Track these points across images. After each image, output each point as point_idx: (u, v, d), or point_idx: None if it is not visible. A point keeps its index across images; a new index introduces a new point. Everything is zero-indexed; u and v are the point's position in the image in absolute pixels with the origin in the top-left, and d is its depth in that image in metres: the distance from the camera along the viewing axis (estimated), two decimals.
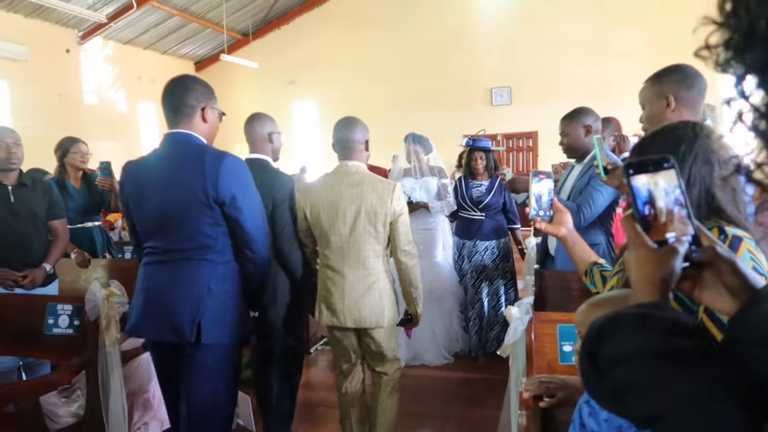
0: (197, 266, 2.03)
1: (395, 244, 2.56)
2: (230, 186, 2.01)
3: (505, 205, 4.30)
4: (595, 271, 1.74)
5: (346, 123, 2.62)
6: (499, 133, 11.86)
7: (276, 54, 13.00)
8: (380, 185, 2.53)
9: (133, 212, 2.18)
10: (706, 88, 1.99)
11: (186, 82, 2.13)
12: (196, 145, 2.08)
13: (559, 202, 1.73)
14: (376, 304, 2.54)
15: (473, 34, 11.77)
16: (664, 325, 0.65)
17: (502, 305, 4.25)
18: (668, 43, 10.83)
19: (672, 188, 0.73)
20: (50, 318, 2.65)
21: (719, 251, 0.74)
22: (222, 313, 2.05)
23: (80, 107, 10.61)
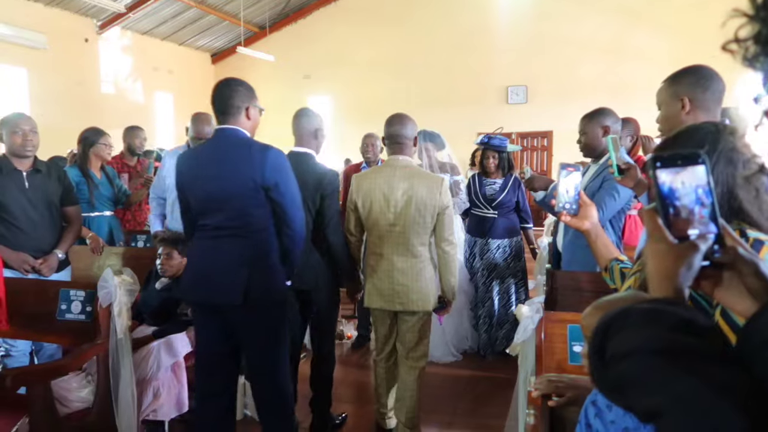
0: (244, 241, 2.35)
1: (440, 234, 2.79)
2: (274, 174, 2.32)
3: (518, 203, 4.28)
4: (615, 268, 1.73)
5: (398, 120, 2.83)
6: (514, 131, 11.79)
7: (292, 48, 13.02)
8: (430, 179, 2.77)
9: (188, 194, 2.46)
10: (724, 91, 1.96)
11: (231, 86, 2.41)
12: (243, 138, 2.39)
13: (586, 196, 1.73)
14: (425, 289, 2.79)
15: (490, 31, 11.70)
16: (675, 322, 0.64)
17: (512, 304, 4.23)
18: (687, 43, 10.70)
19: (700, 185, 0.72)
20: (63, 304, 2.67)
21: (741, 252, 0.73)
22: (264, 280, 2.36)
23: (97, 96, 10.71)
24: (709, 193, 0.72)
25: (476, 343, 4.36)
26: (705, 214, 0.72)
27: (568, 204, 1.70)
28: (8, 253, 2.97)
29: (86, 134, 4.08)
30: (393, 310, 2.86)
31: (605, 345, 0.67)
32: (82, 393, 2.59)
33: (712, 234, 0.72)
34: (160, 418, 2.92)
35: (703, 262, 0.72)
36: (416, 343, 2.89)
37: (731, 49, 0.59)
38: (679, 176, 0.72)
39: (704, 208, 0.72)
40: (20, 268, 3.01)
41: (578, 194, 1.71)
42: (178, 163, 2.50)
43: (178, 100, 12.71)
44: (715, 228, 0.72)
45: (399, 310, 2.83)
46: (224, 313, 2.38)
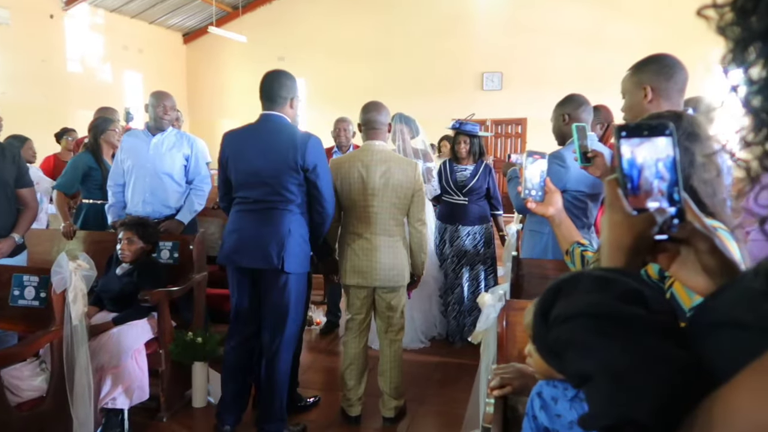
0: (282, 214, 2.69)
1: (413, 214, 3.02)
2: (314, 158, 2.67)
3: (489, 190, 4.27)
4: (575, 251, 1.75)
5: (374, 107, 3.03)
6: (488, 118, 11.79)
7: (266, 29, 12.77)
8: (405, 163, 3.00)
9: (230, 169, 2.77)
10: (687, 80, 1.96)
11: (281, 79, 2.76)
12: (287, 125, 2.74)
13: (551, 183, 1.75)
14: (400, 266, 2.99)
15: (466, 18, 11.63)
16: (623, 291, 0.62)
17: (481, 291, 4.22)
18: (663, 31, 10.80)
19: (664, 157, 0.69)
20: (16, 289, 2.58)
21: (698, 228, 0.71)
22: (298, 249, 2.72)
23: (63, 74, 10.39)
24: (674, 165, 0.70)
25: (445, 329, 4.36)
26: (666, 187, 0.70)
27: (534, 191, 1.72)
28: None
29: (96, 122, 4.09)
30: (371, 287, 3.01)
31: (552, 307, 0.66)
32: (35, 381, 2.51)
33: (673, 208, 0.70)
34: (119, 406, 2.86)
35: (662, 236, 0.71)
36: (396, 318, 3.08)
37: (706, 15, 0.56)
38: (644, 147, 0.70)
39: (666, 181, 0.70)
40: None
41: (543, 181, 1.73)
42: (225, 140, 2.81)
43: (147, 80, 12.41)
44: (677, 202, 0.70)
45: (378, 285, 2.99)
46: (259, 277, 2.75)
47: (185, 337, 3.20)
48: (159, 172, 3.55)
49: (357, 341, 3.11)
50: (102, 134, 4.00)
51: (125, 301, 3.15)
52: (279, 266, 2.66)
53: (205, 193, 3.73)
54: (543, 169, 1.72)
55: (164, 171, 3.55)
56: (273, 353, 2.79)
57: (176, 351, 3.15)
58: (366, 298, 3.07)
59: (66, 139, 5.72)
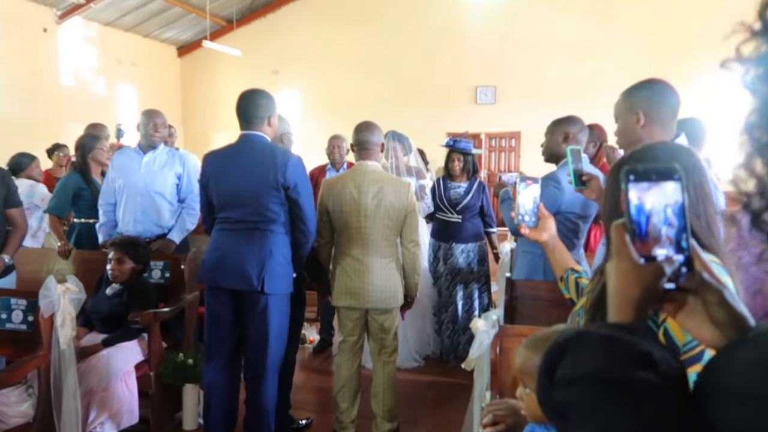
0: (263, 234, 2.65)
1: (406, 235, 2.98)
2: (294, 176, 2.64)
3: (483, 208, 4.26)
4: (570, 278, 1.74)
5: (366, 127, 3.00)
6: (482, 132, 11.83)
7: (260, 42, 12.80)
8: (397, 183, 2.98)
9: (211, 190, 2.74)
10: (679, 105, 1.97)
11: (255, 99, 2.73)
12: (267, 144, 2.72)
13: (545, 209, 1.75)
14: (393, 287, 2.95)
15: (459, 31, 11.70)
16: (631, 353, 0.61)
17: (475, 309, 4.22)
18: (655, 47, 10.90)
19: (672, 203, 0.68)
20: (3, 312, 2.54)
21: (707, 279, 0.70)
22: (280, 270, 2.68)
23: (56, 88, 10.35)
24: (682, 211, 0.68)
25: (439, 348, 4.33)
26: (674, 234, 0.69)
27: (527, 216, 1.72)
28: None
29: (83, 141, 4.02)
30: (364, 308, 2.98)
31: (557, 366, 0.64)
32: (21, 407, 2.47)
33: (681, 256, 0.69)
34: (107, 430, 2.81)
35: (668, 284, 0.69)
36: (389, 340, 3.04)
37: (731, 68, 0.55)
38: (652, 192, 0.68)
39: (674, 227, 0.68)
40: None
41: (537, 207, 1.72)
42: (206, 160, 2.80)
43: (142, 94, 12.39)
44: (685, 249, 0.69)
45: (370, 307, 2.95)
46: (239, 298, 2.70)
47: (176, 359, 3.16)
48: (150, 191, 3.52)
49: (350, 363, 3.07)
50: (90, 153, 3.94)
51: (115, 322, 3.12)
52: (259, 288, 2.62)
53: (197, 211, 3.70)
54: (536, 194, 1.72)
55: (156, 190, 3.53)
56: (258, 377, 2.74)
57: (166, 373, 3.11)
58: (358, 319, 3.04)
59: (57, 155, 5.69)
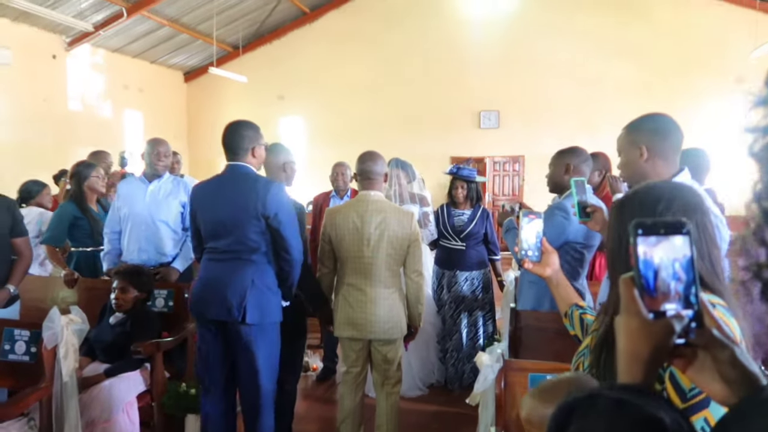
0: (244, 264, 2.66)
1: (410, 265, 2.96)
2: (273, 205, 2.64)
3: (487, 235, 4.25)
4: (574, 314, 1.72)
5: (370, 157, 3.01)
6: (486, 156, 11.86)
7: (265, 68, 12.94)
8: (401, 213, 2.97)
9: (199, 220, 2.79)
10: (682, 140, 1.97)
11: (240, 130, 2.76)
12: (249, 173, 2.73)
13: (548, 244, 1.74)
14: (397, 318, 2.94)
15: (462, 57, 11.81)
16: (640, 417, 0.60)
17: (480, 337, 4.19)
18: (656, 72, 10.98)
19: (681, 257, 0.68)
20: (6, 343, 2.54)
21: (718, 336, 0.70)
22: (262, 300, 2.65)
23: (65, 114, 10.45)
24: (690, 265, 0.68)
25: (443, 376, 4.29)
26: (683, 288, 0.68)
27: (531, 251, 1.71)
28: None
29: (77, 169, 3.96)
30: (367, 339, 2.95)
31: (566, 429, 0.64)
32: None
33: (690, 312, 0.68)
34: None
35: (679, 339, 0.69)
36: (393, 371, 3.01)
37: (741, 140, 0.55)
38: (660, 246, 0.69)
39: (683, 282, 0.68)
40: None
41: (540, 241, 1.72)
42: (193, 192, 2.88)
43: (148, 119, 12.50)
44: (694, 304, 0.69)
45: (372, 338, 2.93)
46: (225, 329, 2.69)
47: (178, 389, 3.14)
48: (155, 220, 3.54)
49: (353, 395, 3.05)
50: (85, 181, 3.89)
51: (118, 352, 3.10)
52: (239, 318, 2.61)
53: None
54: (539, 229, 1.71)
55: (160, 218, 3.54)
56: (253, 408, 2.74)
57: (169, 403, 3.09)
58: (361, 350, 3.01)
59: (63, 181, 5.71)
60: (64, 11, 9.11)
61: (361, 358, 3.03)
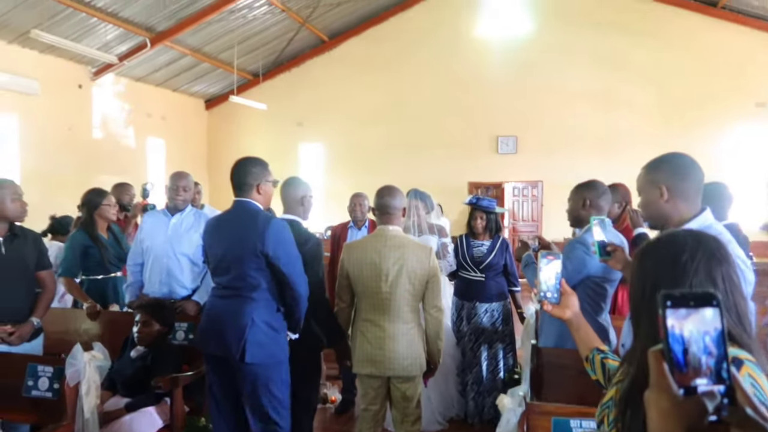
0: (244, 302, 2.64)
1: (429, 301, 2.93)
2: (273, 242, 2.61)
3: (506, 266, 4.22)
4: (596, 358, 1.68)
5: (388, 191, 3.00)
6: (504, 181, 11.85)
7: (285, 95, 13.13)
8: (419, 249, 2.94)
9: (209, 255, 2.86)
10: (703, 179, 1.95)
11: (246, 167, 2.79)
12: (252, 209, 2.75)
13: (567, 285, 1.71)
14: (416, 354, 2.89)
15: (479, 82, 11.87)
16: None
17: (500, 370, 4.14)
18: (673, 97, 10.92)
19: (711, 330, 0.67)
20: (30, 379, 2.57)
21: (751, 415, 0.68)
22: (263, 339, 2.62)
23: (89, 142, 10.68)
24: (721, 339, 0.67)
25: (463, 410, 4.23)
26: (714, 363, 0.67)
27: (549, 293, 1.69)
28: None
29: (88, 197, 3.98)
30: (385, 376, 2.91)
31: None
32: None
33: (722, 387, 0.67)
34: None
35: (711, 416, 0.67)
36: (412, 408, 2.96)
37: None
38: (690, 319, 0.68)
39: (713, 356, 0.67)
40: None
41: (559, 283, 1.69)
42: (205, 226, 2.93)
43: (169, 146, 12.72)
44: (725, 380, 0.67)
45: (391, 375, 2.89)
46: (227, 365, 2.66)
47: (197, 423, 3.14)
48: (177, 253, 3.58)
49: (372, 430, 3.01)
50: (96, 209, 3.91)
51: (138, 386, 3.12)
52: (238, 357, 2.58)
53: None
54: (558, 270, 1.69)
55: (182, 252, 3.58)
56: None
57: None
58: (380, 387, 2.98)
59: None
60: (90, 43, 9.37)
61: (380, 395, 3.00)
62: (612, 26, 11.08)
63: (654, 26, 10.98)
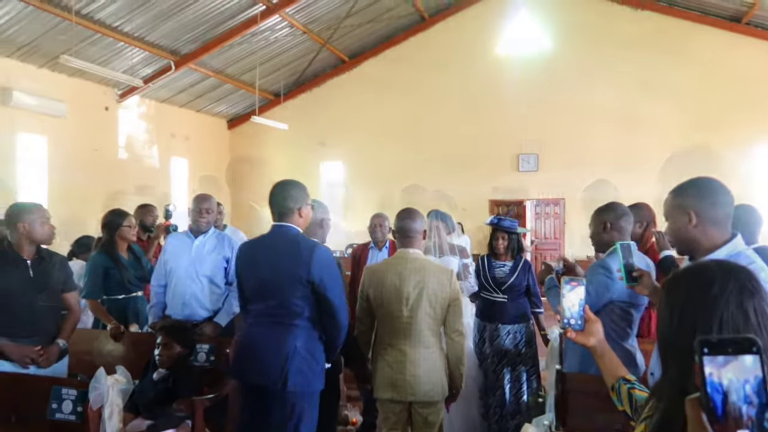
0: (287, 329, 2.60)
1: (450, 325, 2.89)
2: (320, 270, 2.58)
3: (529, 287, 4.16)
4: (622, 389, 1.61)
5: (408, 214, 2.98)
6: (525, 199, 11.77)
7: (306, 114, 13.27)
8: (440, 272, 2.90)
9: (243, 280, 2.81)
10: (733, 203, 1.90)
11: (286, 190, 2.74)
12: (294, 234, 2.70)
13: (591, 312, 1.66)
14: (437, 379, 2.86)
15: (500, 100, 11.87)
16: None
17: (524, 393, 4.06)
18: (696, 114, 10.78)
19: (752, 378, 0.65)
20: (54, 402, 2.59)
21: None
22: (304, 367, 2.59)
23: (115, 162, 10.89)
24: (763, 388, 0.64)
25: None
26: (755, 413, 0.65)
27: (573, 320, 1.64)
28: (9, 347, 2.91)
29: (109, 218, 4.01)
30: (407, 401, 2.88)
31: None
32: None
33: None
34: None
35: None
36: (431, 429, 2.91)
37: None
38: (729, 367, 0.65)
39: (754, 405, 0.65)
40: (21, 361, 2.93)
41: (583, 309, 1.64)
42: (240, 250, 2.89)
43: (192, 166, 12.91)
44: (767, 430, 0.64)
45: (412, 400, 2.86)
46: (265, 394, 2.61)
47: None
48: (199, 275, 3.60)
49: None
50: (116, 231, 3.94)
51: (160, 408, 3.12)
52: (280, 385, 2.55)
53: None
54: (581, 296, 1.64)
55: (204, 274, 3.61)
56: None
57: None
58: (401, 413, 2.94)
59: None
60: (116, 66, 9.60)
61: (401, 420, 2.96)
62: (634, 43, 11.02)
63: (676, 43, 10.90)
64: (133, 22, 8.95)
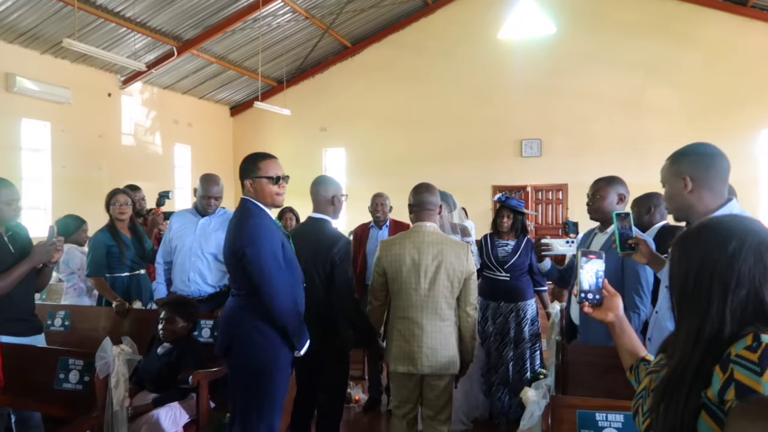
0: (234, 301, 2.65)
1: (465, 299, 2.90)
2: (243, 243, 2.47)
3: (532, 266, 4.18)
4: (641, 369, 1.50)
5: (426, 188, 2.98)
6: (528, 184, 11.77)
7: (308, 101, 13.27)
8: (457, 246, 2.90)
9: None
10: (729, 169, 1.90)
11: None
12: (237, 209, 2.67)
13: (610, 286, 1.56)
14: (452, 352, 2.87)
15: (503, 86, 11.84)
16: None
17: (527, 370, 4.09)
18: (700, 98, 10.73)
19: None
20: (61, 372, 2.62)
21: None
22: (246, 342, 2.54)
23: (119, 149, 10.93)
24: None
25: (487, 410, 4.19)
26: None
27: (591, 294, 1.53)
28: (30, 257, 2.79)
29: (106, 198, 4.07)
30: (420, 374, 2.89)
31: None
32: None
33: None
34: None
35: None
36: (444, 406, 2.94)
37: None
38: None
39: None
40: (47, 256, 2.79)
41: (602, 282, 1.54)
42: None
43: (195, 152, 12.94)
44: None
45: (428, 373, 2.86)
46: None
47: (223, 419, 3.17)
48: (204, 252, 3.63)
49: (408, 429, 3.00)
50: (109, 209, 4.00)
51: (165, 382, 3.16)
52: (221, 353, 2.66)
53: None
54: (600, 269, 1.54)
55: (209, 251, 3.63)
56: None
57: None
58: (415, 387, 2.95)
59: None
60: (119, 52, 9.59)
61: (414, 394, 2.96)
62: (638, 27, 10.95)
63: (681, 27, 10.83)
64: (135, 8, 8.94)
